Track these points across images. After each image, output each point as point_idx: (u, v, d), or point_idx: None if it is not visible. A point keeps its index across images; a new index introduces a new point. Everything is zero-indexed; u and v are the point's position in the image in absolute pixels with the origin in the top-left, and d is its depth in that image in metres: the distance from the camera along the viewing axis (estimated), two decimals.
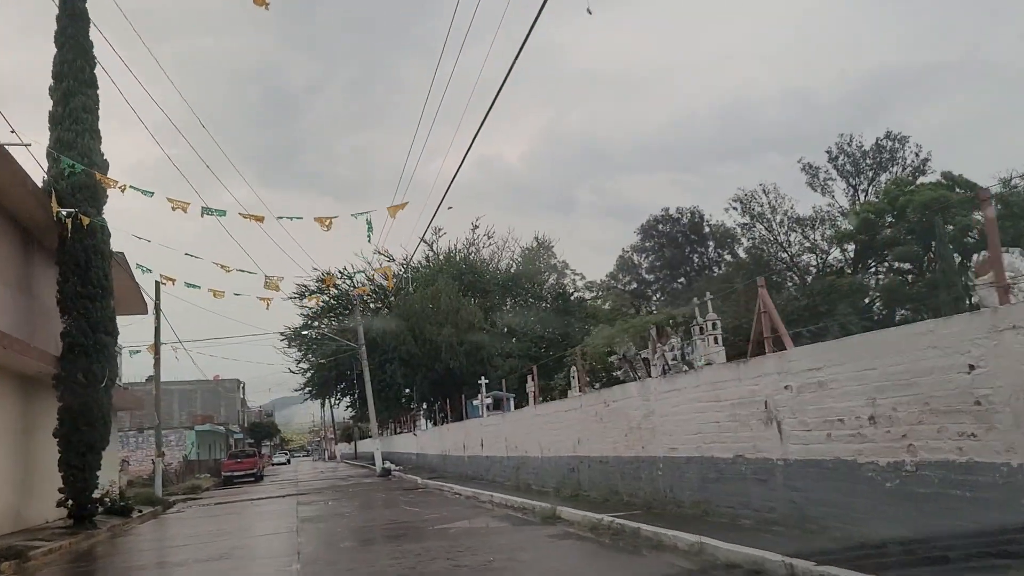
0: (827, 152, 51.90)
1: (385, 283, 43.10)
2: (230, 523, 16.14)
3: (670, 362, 11.45)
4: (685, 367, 11.68)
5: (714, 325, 13.56)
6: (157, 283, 24.19)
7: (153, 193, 12.52)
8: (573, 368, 20.28)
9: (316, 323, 45.22)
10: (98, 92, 16.17)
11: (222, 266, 15.54)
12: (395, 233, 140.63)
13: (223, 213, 12.61)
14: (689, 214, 59.38)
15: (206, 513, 19.72)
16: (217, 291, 17.54)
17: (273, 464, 71.78)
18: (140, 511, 19.31)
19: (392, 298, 41.73)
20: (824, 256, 51.84)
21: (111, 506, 17.83)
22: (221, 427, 52.48)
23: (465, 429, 23.47)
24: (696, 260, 60.83)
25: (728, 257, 58.83)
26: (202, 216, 12.48)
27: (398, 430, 45.86)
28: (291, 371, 47.88)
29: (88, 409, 15.05)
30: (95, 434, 15.26)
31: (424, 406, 37.77)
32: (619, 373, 21.90)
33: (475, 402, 27.18)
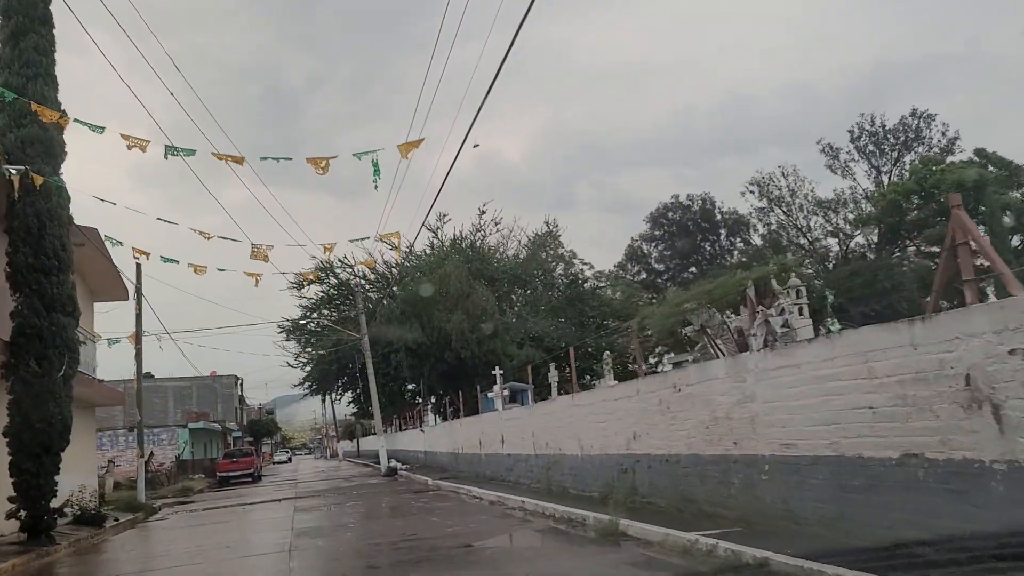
0: (849, 132, 49.49)
1: (386, 270, 40.84)
2: (214, 536, 13.79)
3: (778, 330, 9.06)
4: (803, 338, 9.25)
5: (799, 293, 11.19)
6: (138, 265, 21.95)
7: (104, 129, 10.16)
8: (607, 353, 17.90)
9: (315, 313, 42.95)
10: (54, 31, 13.91)
11: (201, 232, 13.16)
12: (396, 228, 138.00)
13: (192, 152, 10.25)
14: (700, 201, 57.11)
15: (191, 522, 17.37)
16: (199, 266, 15.15)
17: (274, 463, 69.81)
18: (116, 520, 17.03)
19: (395, 287, 39.40)
20: (847, 241, 49.55)
21: (81, 515, 15.66)
22: (216, 425, 50.08)
23: (482, 424, 21.26)
24: (708, 248, 58.70)
25: (741, 244, 56.63)
26: (166, 157, 10.14)
27: (403, 426, 43.52)
28: (290, 365, 45.68)
29: (43, 403, 12.69)
30: (52, 432, 12.89)
31: (432, 400, 35.39)
32: (655, 361, 19.49)
33: (490, 394, 24.89)
